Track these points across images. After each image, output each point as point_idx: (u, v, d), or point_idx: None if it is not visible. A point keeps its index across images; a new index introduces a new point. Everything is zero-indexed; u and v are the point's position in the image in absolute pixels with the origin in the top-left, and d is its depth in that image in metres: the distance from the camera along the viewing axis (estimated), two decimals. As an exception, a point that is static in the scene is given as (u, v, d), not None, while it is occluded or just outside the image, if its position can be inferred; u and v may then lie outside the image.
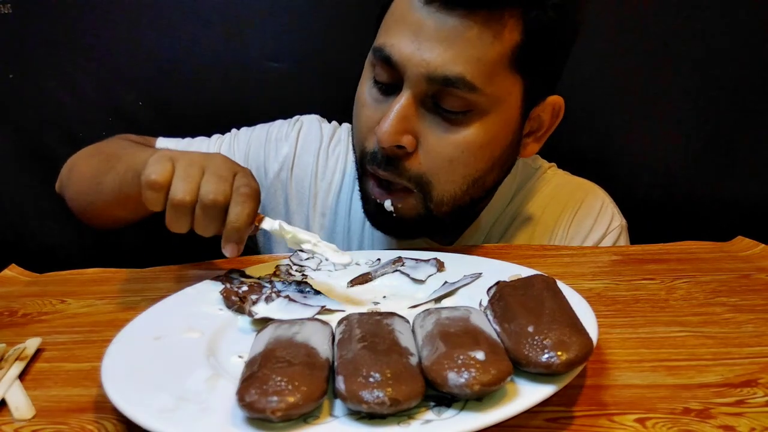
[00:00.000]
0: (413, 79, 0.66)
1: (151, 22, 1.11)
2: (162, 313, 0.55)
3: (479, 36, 0.64)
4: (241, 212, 0.56)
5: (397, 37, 0.67)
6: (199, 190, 0.56)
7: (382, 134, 0.66)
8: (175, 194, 0.56)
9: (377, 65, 0.69)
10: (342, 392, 0.37)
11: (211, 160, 0.59)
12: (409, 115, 0.67)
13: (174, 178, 0.56)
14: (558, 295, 0.45)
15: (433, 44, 0.64)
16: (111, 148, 0.82)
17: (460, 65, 0.64)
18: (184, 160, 0.58)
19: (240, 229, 0.56)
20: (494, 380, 0.36)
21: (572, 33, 0.71)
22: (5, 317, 0.63)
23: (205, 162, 0.58)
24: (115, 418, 0.43)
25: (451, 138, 0.68)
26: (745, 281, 0.61)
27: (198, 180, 0.56)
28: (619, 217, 0.85)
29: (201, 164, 0.58)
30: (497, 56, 0.65)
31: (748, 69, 1.07)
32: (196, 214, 0.57)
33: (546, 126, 0.76)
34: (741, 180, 1.11)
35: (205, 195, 0.56)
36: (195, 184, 0.56)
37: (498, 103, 0.68)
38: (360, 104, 0.73)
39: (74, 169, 0.85)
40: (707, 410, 0.40)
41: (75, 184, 0.84)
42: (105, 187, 0.74)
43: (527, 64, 0.68)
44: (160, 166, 0.56)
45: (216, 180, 0.57)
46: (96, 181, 0.77)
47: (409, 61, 0.65)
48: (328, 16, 1.10)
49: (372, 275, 0.64)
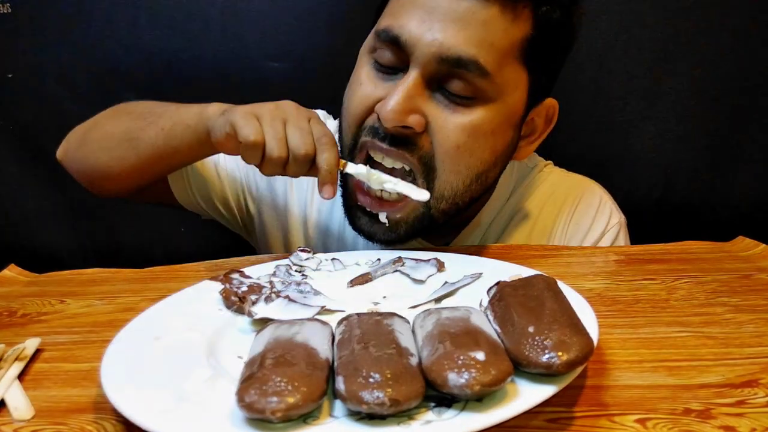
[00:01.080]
0: (422, 59, 0.65)
1: (150, 22, 1.11)
2: (162, 313, 0.55)
3: (494, 20, 0.64)
4: (329, 158, 0.63)
5: (405, 18, 0.66)
6: (288, 143, 0.63)
7: (387, 112, 0.65)
8: (272, 152, 0.63)
9: (381, 48, 0.68)
10: (342, 393, 0.37)
11: (287, 111, 0.65)
12: (416, 95, 0.66)
13: (266, 136, 0.63)
14: (558, 296, 0.45)
15: (446, 24, 0.64)
16: (138, 108, 0.81)
17: (474, 47, 0.64)
18: (266, 115, 0.64)
19: (333, 171, 0.63)
20: (494, 381, 0.36)
21: (573, 37, 0.72)
22: (4, 317, 0.63)
23: (282, 114, 0.65)
24: (115, 418, 0.43)
25: (458, 121, 0.67)
26: (746, 281, 0.61)
27: (284, 134, 0.63)
28: (617, 214, 0.85)
29: (281, 117, 0.64)
30: (509, 45, 0.65)
31: (748, 69, 1.07)
32: (290, 165, 0.64)
33: (539, 131, 0.76)
34: (741, 180, 1.11)
35: (297, 149, 0.63)
36: (284, 140, 0.63)
37: (503, 93, 0.67)
38: (357, 83, 0.71)
39: (95, 129, 0.83)
40: (708, 411, 0.40)
41: (98, 142, 0.81)
42: (143, 142, 0.75)
43: (535, 59, 0.67)
44: (251, 126, 0.63)
45: (300, 133, 0.63)
46: (130, 137, 0.76)
47: (419, 41, 0.64)
48: (328, 16, 1.10)
49: (372, 275, 0.64)
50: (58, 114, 1.12)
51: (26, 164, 1.16)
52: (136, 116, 0.79)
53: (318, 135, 0.64)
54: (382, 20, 0.69)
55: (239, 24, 1.11)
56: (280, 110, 0.65)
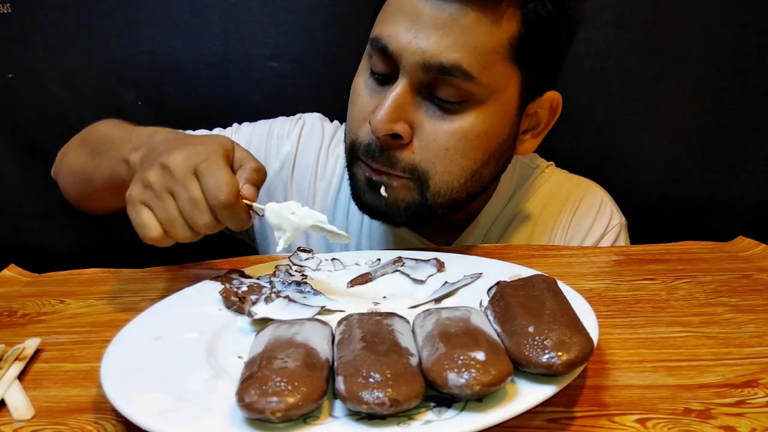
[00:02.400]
0: (409, 67, 0.65)
1: (150, 22, 1.11)
2: (161, 313, 0.55)
3: (476, 23, 0.64)
4: (234, 222, 0.58)
5: (393, 27, 0.66)
6: (188, 220, 0.57)
7: (377, 122, 0.66)
8: (176, 237, 0.57)
9: (374, 56, 0.69)
10: (342, 393, 0.37)
11: (175, 178, 0.57)
12: (405, 104, 0.67)
13: (163, 222, 0.57)
14: (558, 296, 0.45)
15: (429, 32, 0.64)
16: (97, 136, 0.81)
17: (456, 53, 0.64)
18: (155, 197, 0.57)
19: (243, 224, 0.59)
20: (494, 381, 0.36)
21: (571, 30, 0.71)
22: (4, 317, 0.63)
23: (168, 183, 0.57)
24: (115, 418, 0.43)
25: (447, 126, 0.67)
26: (746, 281, 0.61)
27: (177, 212, 0.57)
28: (618, 215, 0.85)
29: (169, 188, 0.57)
30: (494, 46, 0.65)
31: (748, 69, 1.07)
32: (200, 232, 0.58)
33: (544, 123, 0.76)
34: (741, 180, 1.11)
35: (197, 228, 0.57)
36: (181, 220, 0.57)
37: (494, 94, 0.67)
38: (355, 93, 0.73)
39: (65, 159, 0.86)
40: (708, 411, 0.40)
41: (66, 174, 0.85)
42: (95, 176, 0.76)
43: (526, 57, 0.67)
44: (145, 223, 0.57)
45: (193, 211, 0.56)
46: (84, 176, 0.79)
47: (405, 50, 0.65)
48: (328, 16, 1.10)
49: (372, 275, 0.64)
50: (59, 114, 1.12)
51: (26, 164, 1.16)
52: (90, 149, 0.79)
53: (214, 202, 0.56)
54: (374, 27, 0.70)
55: (239, 24, 1.11)
56: (168, 176, 0.57)
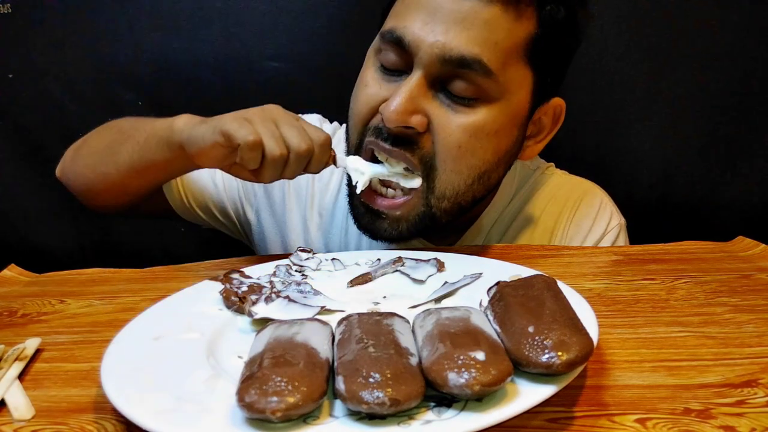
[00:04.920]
0: (426, 60, 0.65)
1: (150, 22, 1.11)
2: (161, 313, 0.55)
3: (498, 19, 0.64)
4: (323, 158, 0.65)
5: (410, 19, 0.66)
6: (286, 141, 0.62)
7: (390, 113, 0.65)
8: (272, 151, 0.61)
9: (386, 49, 0.69)
10: (342, 392, 0.37)
11: (275, 113, 0.64)
12: (419, 96, 0.66)
13: (263, 137, 0.61)
14: (558, 296, 0.45)
15: (449, 25, 0.64)
16: (123, 124, 0.81)
17: (477, 47, 0.64)
18: (256, 117, 0.63)
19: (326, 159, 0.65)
20: (494, 381, 0.36)
21: (578, 37, 0.72)
22: (5, 317, 0.63)
23: (271, 115, 0.64)
24: (115, 418, 0.43)
25: (460, 121, 0.67)
26: (746, 281, 0.61)
27: (280, 134, 0.62)
28: (617, 216, 0.85)
29: (271, 118, 0.63)
30: (513, 44, 0.65)
31: (748, 69, 1.07)
32: (289, 164, 0.63)
33: (546, 130, 0.76)
34: (741, 180, 1.11)
35: (297, 146, 0.62)
36: (282, 138, 0.62)
37: (508, 93, 0.67)
38: (362, 85, 0.72)
39: (84, 146, 0.84)
40: (708, 410, 0.40)
41: (84, 158, 0.82)
42: (121, 157, 0.74)
43: (540, 58, 0.67)
44: (246, 128, 0.61)
45: (296, 131, 0.63)
46: (111, 151, 0.77)
47: (422, 42, 0.65)
48: (328, 16, 1.10)
49: (372, 275, 0.64)
50: (59, 114, 1.13)
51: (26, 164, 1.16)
52: (118, 132, 0.79)
53: (310, 130, 0.64)
54: (387, 22, 0.70)
55: (239, 24, 1.11)
56: (268, 112, 0.64)
